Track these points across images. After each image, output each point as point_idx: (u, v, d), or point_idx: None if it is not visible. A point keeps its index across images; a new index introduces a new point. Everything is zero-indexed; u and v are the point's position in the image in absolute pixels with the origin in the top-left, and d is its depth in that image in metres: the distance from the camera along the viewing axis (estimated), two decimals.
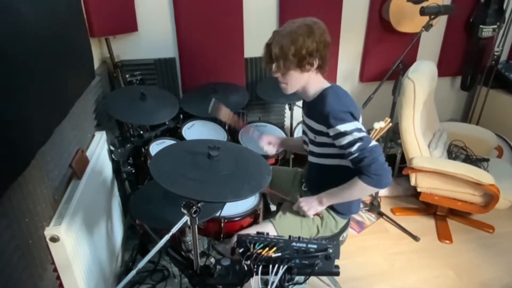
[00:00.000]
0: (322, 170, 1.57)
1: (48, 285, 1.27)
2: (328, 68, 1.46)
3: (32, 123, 1.14)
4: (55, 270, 1.32)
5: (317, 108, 1.42)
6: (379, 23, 2.75)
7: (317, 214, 1.58)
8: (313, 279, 2.00)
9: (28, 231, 1.15)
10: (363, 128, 1.40)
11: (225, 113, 1.75)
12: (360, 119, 1.45)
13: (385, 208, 2.69)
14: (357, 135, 1.35)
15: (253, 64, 2.64)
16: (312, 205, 1.54)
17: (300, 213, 1.57)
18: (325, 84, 1.49)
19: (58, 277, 1.34)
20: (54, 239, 1.26)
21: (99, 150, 1.85)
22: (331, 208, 1.59)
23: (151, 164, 1.21)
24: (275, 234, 1.51)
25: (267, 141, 1.82)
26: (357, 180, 1.41)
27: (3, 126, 0.98)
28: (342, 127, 1.35)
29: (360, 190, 1.44)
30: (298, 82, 1.46)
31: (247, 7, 2.47)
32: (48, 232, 1.25)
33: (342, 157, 1.45)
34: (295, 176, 1.85)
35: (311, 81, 1.47)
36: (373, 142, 1.38)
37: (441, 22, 2.86)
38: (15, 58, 1.06)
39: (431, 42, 2.98)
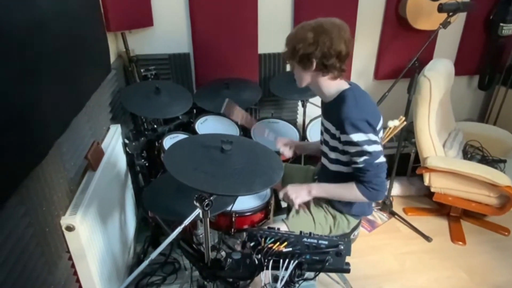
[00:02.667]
0: (333, 175, 1.52)
1: (63, 273, 1.30)
2: (339, 74, 1.39)
3: (50, 114, 1.17)
4: (70, 258, 1.36)
5: (335, 111, 1.39)
6: (395, 20, 2.71)
7: (303, 205, 1.54)
8: (322, 276, 2.00)
9: (44, 219, 1.18)
10: (377, 139, 1.36)
11: (238, 114, 1.76)
12: (380, 122, 1.42)
13: (397, 207, 2.66)
14: (366, 148, 1.33)
15: (267, 60, 2.64)
16: (300, 194, 1.48)
17: (285, 200, 1.54)
18: (344, 85, 1.43)
19: (73, 265, 1.37)
20: (70, 228, 1.29)
21: (114, 143, 1.88)
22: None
23: (165, 157, 1.22)
24: None
25: (283, 143, 1.78)
26: (353, 186, 1.41)
27: (23, 116, 1.01)
28: (354, 137, 1.33)
29: (351, 196, 1.45)
30: (302, 78, 1.45)
31: (262, 3, 2.46)
32: (64, 221, 1.29)
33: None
34: (306, 173, 1.84)
35: (321, 82, 1.42)
36: (381, 159, 1.37)
37: (459, 19, 2.79)
38: (33, 51, 1.08)
39: (449, 39, 2.92)
